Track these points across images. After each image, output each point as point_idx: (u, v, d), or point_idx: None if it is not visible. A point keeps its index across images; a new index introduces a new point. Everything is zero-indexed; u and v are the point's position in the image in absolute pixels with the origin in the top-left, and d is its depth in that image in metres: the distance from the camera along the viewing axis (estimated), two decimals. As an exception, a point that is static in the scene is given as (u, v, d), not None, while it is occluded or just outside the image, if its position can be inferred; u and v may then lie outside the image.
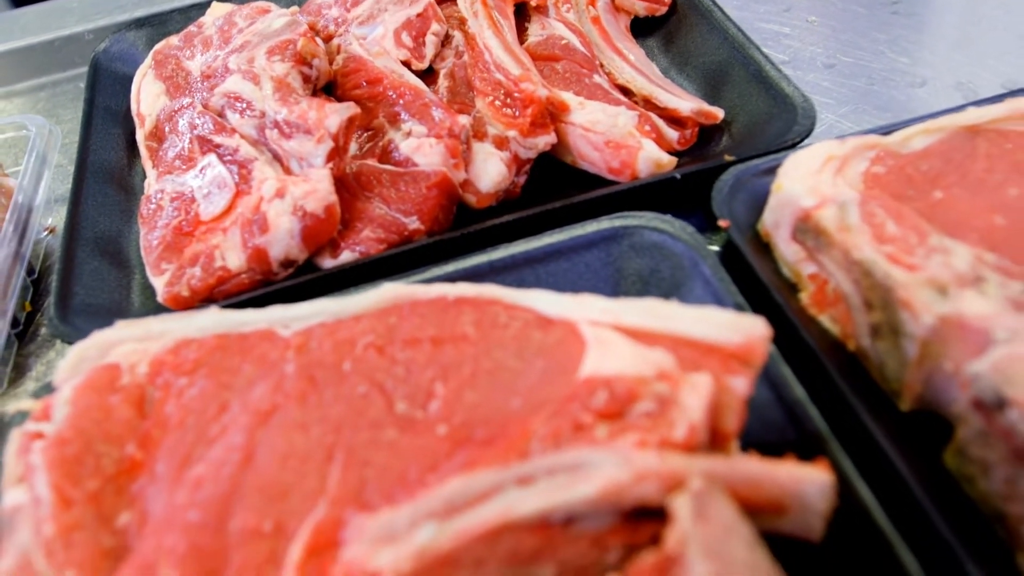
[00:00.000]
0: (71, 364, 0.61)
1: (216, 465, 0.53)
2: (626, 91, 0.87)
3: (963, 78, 0.92)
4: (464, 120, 0.78)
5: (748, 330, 0.52)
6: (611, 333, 0.54)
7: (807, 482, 0.47)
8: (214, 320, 0.62)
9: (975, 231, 0.60)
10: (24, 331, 0.82)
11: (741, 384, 0.50)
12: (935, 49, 0.96)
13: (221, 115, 0.85)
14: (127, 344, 0.61)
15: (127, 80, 1.02)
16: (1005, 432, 0.49)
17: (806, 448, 0.55)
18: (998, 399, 0.49)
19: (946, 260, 0.57)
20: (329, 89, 0.90)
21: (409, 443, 0.51)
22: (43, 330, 0.82)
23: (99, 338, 0.62)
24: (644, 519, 0.48)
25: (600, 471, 0.46)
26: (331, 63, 0.90)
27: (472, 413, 0.52)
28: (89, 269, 0.79)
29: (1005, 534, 0.51)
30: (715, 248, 0.76)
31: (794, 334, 0.62)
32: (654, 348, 0.52)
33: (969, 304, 0.54)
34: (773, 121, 0.81)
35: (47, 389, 0.62)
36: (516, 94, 0.79)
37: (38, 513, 0.53)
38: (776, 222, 0.68)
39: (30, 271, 0.85)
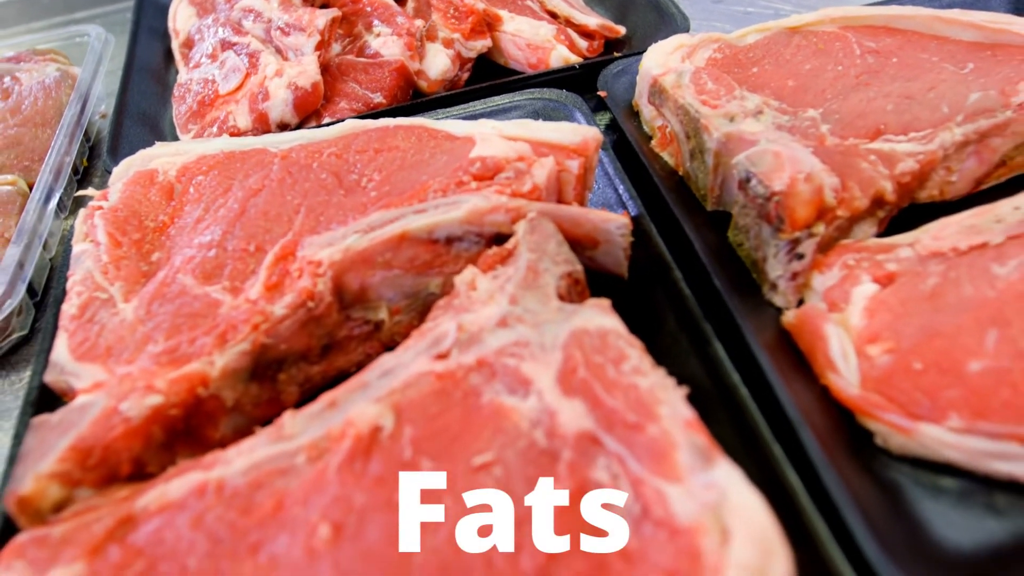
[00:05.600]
0: (122, 170, 0.85)
1: (219, 219, 0.77)
2: (553, 15, 1.11)
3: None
4: (419, 23, 1.02)
5: (584, 133, 0.75)
6: (494, 136, 0.77)
7: (611, 222, 0.70)
8: (225, 142, 0.86)
9: (770, 88, 0.84)
10: (83, 178, 1.07)
11: (575, 165, 0.74)
12: (809, -11, 1.20)
13: (239, 24, 1.10)
14: (163, 157, 0.86)
15: (165, 8, 1.27)
16: (753, 198, 0.72)
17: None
18: (747, 175, 0.72)
19: (741, 103, 0.81)
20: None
21: (351, 201, 0.75)
22: (96, 179, 1.07)
23: (143, 153, 0.86)
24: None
25: (468, 203, 0.70)
26: (326, -10, 1.15)
27: (395, 184, 0.76)
28: (133, 132, 1.04)
29: (758, 276, 0.74)
30: (604, 122, 0.99)
31: (642, 165, 0.86)
32: (519, 143, 0.75)
33: (747, 126, 0.77)
34: (659, 33, 1.04)
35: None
36: (461, 7, 1.04)
37: (97, 251, 0.77)
38: (640, 92, 0.91)
39: (87, 138, 1.10)
